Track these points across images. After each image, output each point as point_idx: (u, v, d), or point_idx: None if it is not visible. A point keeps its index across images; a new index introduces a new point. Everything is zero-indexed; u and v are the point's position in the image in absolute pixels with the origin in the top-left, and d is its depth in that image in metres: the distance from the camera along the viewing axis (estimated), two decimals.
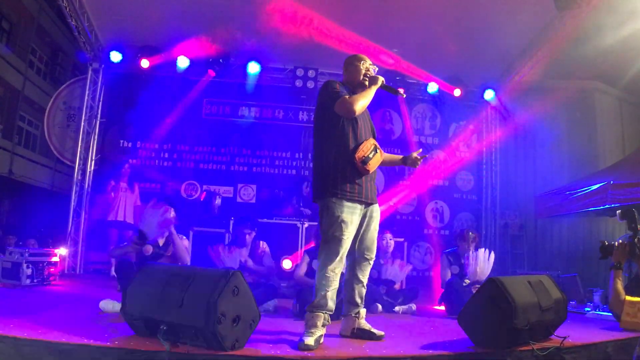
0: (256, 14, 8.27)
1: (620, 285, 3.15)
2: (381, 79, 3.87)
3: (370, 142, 3.78)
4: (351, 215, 3.70)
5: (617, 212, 5.55)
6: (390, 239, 6.53)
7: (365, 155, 3.70)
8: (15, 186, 15.48)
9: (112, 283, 7.13)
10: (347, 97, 3.71)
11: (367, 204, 3.85)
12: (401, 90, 3.96)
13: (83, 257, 9.10)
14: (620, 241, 3.25)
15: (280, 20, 8.14)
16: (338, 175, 3.72)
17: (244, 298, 3.25)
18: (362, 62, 3.98)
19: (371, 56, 4.14)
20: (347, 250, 3.74)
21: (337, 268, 3.66)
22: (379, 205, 4.06)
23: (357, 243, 3.91)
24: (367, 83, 3.89)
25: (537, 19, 8.39)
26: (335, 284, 3.68)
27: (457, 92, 10.03)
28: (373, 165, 3.75)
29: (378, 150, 3.80)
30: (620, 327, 3.11)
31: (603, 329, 4.42)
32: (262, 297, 5.18)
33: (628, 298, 2.95)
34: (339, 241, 3.64)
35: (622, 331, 4.13)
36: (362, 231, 3.90)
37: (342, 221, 3.65)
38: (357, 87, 3.93)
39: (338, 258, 3.65)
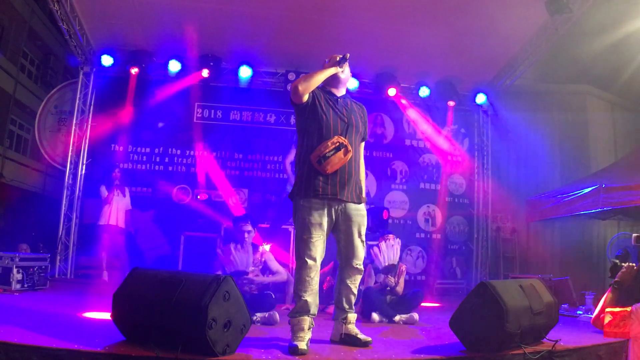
0: (248, 18, 8.28)
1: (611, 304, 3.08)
2: (336, 59, 3.86)
3: (333, 140, 3.63)
4: (320, 216, 3.64)
5: (634, 235, 5.72)
6: (398, 244, 6.03)
7: (322, 155, 3.58)
8: (6, 190, 15.35)
9: (103, 288, 7.08)
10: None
11: (338, 201, 3.69)
12: (347, 55, 3.87)
13: (74, 262, 9.00)
14: (631, 264, 3.20)
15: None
16: (303, 177, 3.71)
17: (235, 303, 3.24)
18: (329, 61, 3.95)
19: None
20: (322, 251, 3.68)
21: (312, 272, 3.61)
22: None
23: (341, 247, 3.83)
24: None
25: (529, 23, 8.43)
26: (313, 287, 3.63)
27: (451, 103, 10.22)
28: (332, 164, 3.60)
29: (343, 148, 3.63)
30: (604, 337, 3.09)
31: (595, 332, 4.43)
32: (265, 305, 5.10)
33: (609, 309, 2.92)
34: (308, 244, 3.60)
35: None
36: (342, 233, 3.78)
37: (310, 223, 3.62)
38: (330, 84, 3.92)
39: (312, 261, 3.60)
